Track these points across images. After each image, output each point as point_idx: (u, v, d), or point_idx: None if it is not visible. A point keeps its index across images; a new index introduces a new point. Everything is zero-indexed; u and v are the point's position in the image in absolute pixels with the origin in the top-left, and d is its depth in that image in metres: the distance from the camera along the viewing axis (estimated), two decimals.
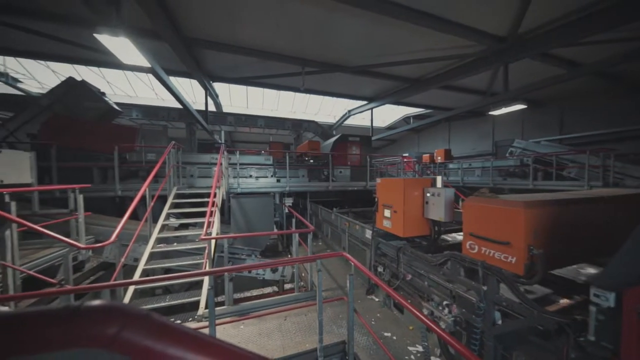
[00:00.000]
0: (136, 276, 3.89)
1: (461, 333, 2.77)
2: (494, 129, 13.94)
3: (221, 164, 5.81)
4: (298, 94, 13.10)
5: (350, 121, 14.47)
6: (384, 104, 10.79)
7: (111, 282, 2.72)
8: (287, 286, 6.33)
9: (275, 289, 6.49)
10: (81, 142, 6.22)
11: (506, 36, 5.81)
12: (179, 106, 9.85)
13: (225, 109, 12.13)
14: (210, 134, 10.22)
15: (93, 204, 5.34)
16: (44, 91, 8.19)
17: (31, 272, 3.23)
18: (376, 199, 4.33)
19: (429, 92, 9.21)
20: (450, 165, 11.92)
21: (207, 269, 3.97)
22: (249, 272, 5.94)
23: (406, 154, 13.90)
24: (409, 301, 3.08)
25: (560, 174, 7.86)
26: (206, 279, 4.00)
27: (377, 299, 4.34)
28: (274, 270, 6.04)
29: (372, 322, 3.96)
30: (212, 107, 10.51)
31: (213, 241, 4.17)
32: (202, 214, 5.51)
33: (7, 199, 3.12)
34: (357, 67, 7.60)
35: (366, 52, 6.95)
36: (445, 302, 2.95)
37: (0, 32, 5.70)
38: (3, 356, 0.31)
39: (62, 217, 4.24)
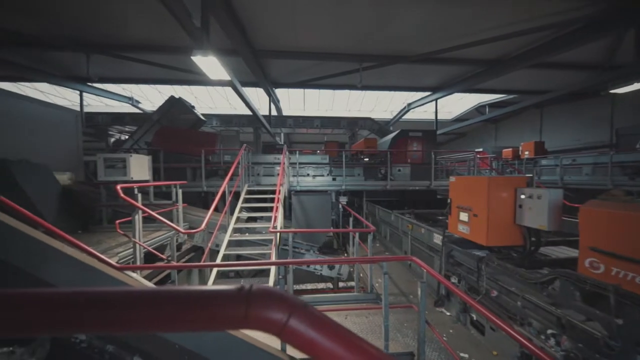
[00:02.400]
0: (218, 260, 4.55)
1: None
2: (613, 113, 10.53)
3: (284, 163, 6.25)
4: (353, 92, 12.95)
5: (409, 115, 13.42)
6: (450, 94, 9.56)
7: (211, 263, 3.21)
8: (341, 284, 6.32)
9: (330, 285, 6.57)
10: (179, 147, 7.70)
11: None
12: (248, 113, 11.15)
13: (285, 113, 13.02)
14: (272, 136, 11.18)
15: (186, 197, 6.56)
16: (154, 108, 10.54)
17: (149, 248, 4.17)
18: (449, 200, 3.83)
19: (512, 74, 7.64)
20: (543, 162, 9.62)
21: (274, 259, 4.31)
22: (308, 266, 6.19)
23: (480, 149, 11.94)
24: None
25: None
26: (273, 268, 4.35)
27: (448, 313, 3.84)
28: (331, 268, 6.12)
29: (444, 338, 3.53)
30: (273, 112, 11.45)
31: (278, 234, 4.51)
32: (267, 209, 6.05)
33: (135, 191, 4.12)
34: (420, 56, 6.93)
35: (431, 38, 6.27)
36: (550, 331, 2.36)
37: (127, 66, 7.62)
38: (187, 330, 0.34)
39: (167, 207, 5.34)
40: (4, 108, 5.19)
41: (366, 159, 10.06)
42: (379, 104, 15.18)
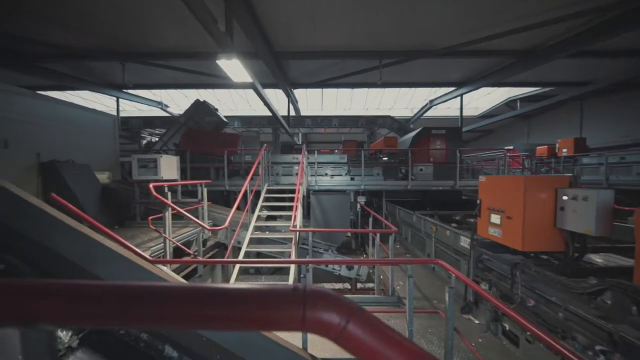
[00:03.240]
0: (240, 257, 4.70)
1: None
2: None
3: (303, 163, 6.30)
4: (371, 90, 12.72)
5: (431, 113, 12.90)
6: (477, 88, 9.03)
7: (235, 260, 3.32)
8: (359, 285, 6.23)
9: (348, 286, 6.50)
10: (204, 148, 8.06)
11: None
12: (267, 114, 11.40)
13: (303, 113, 13.13)
14: (290, 136, 11.32)
15: (209, 195, 6.85)
16: (181, 112, 11.15)
17: (178, 244, 4.41)
18: (478, 202, 3.61)
19: (548, 64, 7.01)
20: (585, 160, 8.75)
21: (294, 257, 4.35)
22: (326, 265, 6.18)
23: (510, 147, 11.14)
24: (527, 334, 2.37)
25: None
26: (292, 266, 4.40)
27: (476, 321, 3.62)
28: (350, 268, 6.05)
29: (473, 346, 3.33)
30: (292, 112, 11.59)
31: (297, 232, 4.55)
32: (285, 208, 6.14)
33: (166, 189, 4.38)
34: (444, 49, 6.61)
35: (455, 30, 5.96)
36: (599, 347, 2.12)
37: (157, 72, 8.12)
38: (242, 330, 0.33)
39: (193, 205, 5.61)
40: (55, 114, 5.77)
41: (385, 158, 9.83)
42: (399, 102, 14.76)
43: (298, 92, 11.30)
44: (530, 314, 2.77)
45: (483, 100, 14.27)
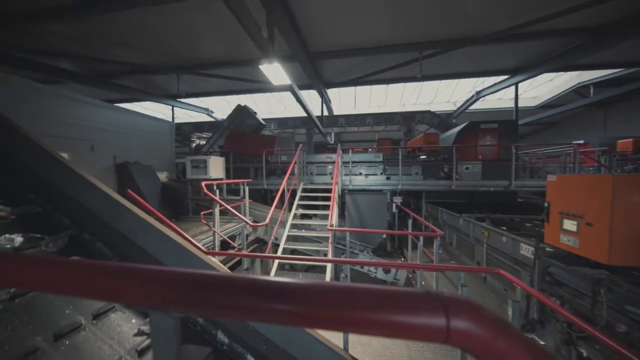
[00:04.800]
0: (279, 252, 4.89)
1: None
2: None
3: (338, 162, 6.27)
4: (408, 85, 12.07)
5: (478, 105, 11.70)
6: (536, 75, 7.88)
7: (276, 255, 3.47)
8: None
9: None
10: (245, 149, 8.60)
11: None
12: (301, 115, 11.68)
13: (335, 112, 13.10)
14: (324, 136, 11.39)
15: (249, 193, 7.30)
16: (224, 116, 12.08)
17: (225, 237, 4.78)
18: (546, 204, 3.13)
19: (632, 41, 5.74)
20: None
21: (331, 256, 4.36)
22: (361, 267, 6.06)
23: (580, 141, 9.47)
24: None
25: None
26: (329, 265, 4.41)
27: (542, 342, 3.15)
28: (387, 271, 5.83)
29: None
30: (325, 112, 11.66)
31: (334, 232, 4.54)
32: (319, 207, 6.20)
33: (215, 187, 4.79)
34: (495, 34, 5.90)
35: (508, 11, 5.27)
36: None
37: (205, 81, 8.92)
38: (370, 334, 0.31)
39: (236, 202, 6.03)
40: (126, 122, 6.77)
41: (423, 156, 9.22)
42: (439, 95, 13.73)
43: (331, 92, 11.32)
44: (623, 341, 2.29)
45: (543, 88, 12.42)
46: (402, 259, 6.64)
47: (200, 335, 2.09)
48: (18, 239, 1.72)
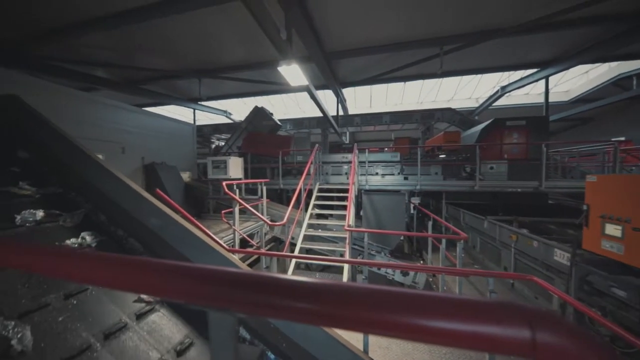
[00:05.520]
0: (296, 252, 4.94)
1: None
2: None
3: (355, 162, 6.21)
4: (426, 82, 11.68)
5: (503, 101, 11.06)
6: (569, 68, 7.29)
7: (293, 254, 3.51)
8: None
9: None
10: (262, 150, 8.79)
11: None
12: (316, 116, 11.71)
13: (350, 111, 13.00)
14: (339, 136, 11.34)
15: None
16: (242, 118, 12.42)
17: (244, 235, 4.92)
18: (585, 207, 2.88)
19: None
20: None
21: (348, 257, 4.33)
22: (378, 268, 5.95)
23: (621, 138, 8.64)
24: None
25: None
26: (346, 266, 4.39)
27: None
28: (405, 274, 5.68)
29: None
30: (340, 112, 11.60)
31: (350, 232, 4.50)
32: (334, 207, 6.18)
33: (234, 187, 4.94)
34: (524, 25, 5.53)
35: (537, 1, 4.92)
36: None
37: (224, 84, 9.23)
38: (444, 345, 0.30)
39: (254, 201, 6.18)
40: (152, 125, 7.18)
41: (442, 156, 8.88)
42: (460, 92, 13.16)
43: (346, 91, 11.24)
44: None
45: (577, 81, 11.49)
46: (421, 261, 6.43)
47: None
48: (40, 213, 1.98)
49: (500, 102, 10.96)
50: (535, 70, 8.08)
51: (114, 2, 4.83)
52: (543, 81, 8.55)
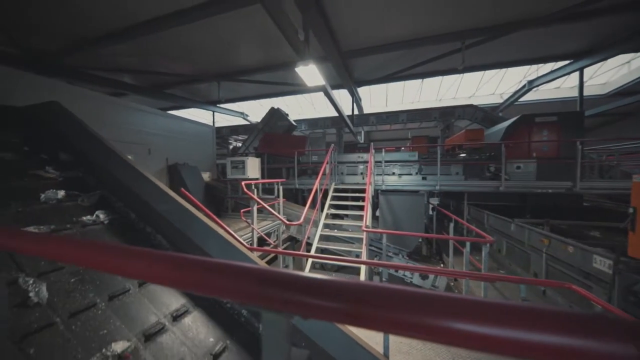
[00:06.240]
0: (312, 251, 4.95)
1: None
2: None
3: (371, 162, 6.12)
4: (445, 79, 11.25)
5: (530, 96, 10.41)
6: (607, 58, 6.69)
7: (310, 254, 3.52)
8: None
9: None
10: (278, 150, 8.92)
11: None
12: (331, 115, 11.68)
13: (366, 110, 12.83)
14: (354, 135, 11.23)
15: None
16: (258, 120, 12.68)
17: (262, 234, 5.02)
18: (631, 210, 2.63)
19: None
20: None
21: (365, 258, 4.27)
22: (396, 271, 5.81)
23: None
24: None
25: None
26: (363, 267, 4.33)
27: None
28: (424, 277, 5.51)
29: None
30: (355, 111, 11.48)
31: (366, 232, 4.43)
32: (349, 207, 6.12)
33: (253, 187, 5.05)
34: (559, 13, 5.14)
35: None
36: None
37: (242, 87, 9.47)
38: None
39: (271, 201, 6.28)
40: (175, 127, 7.52)
41: (463, 155, 8.50)
42: (482, 88, 12.56)
43: (361, 90, 11.11)
44: None
45: (615, 72, 10.52)
46: (442, 264, 6.20)
47: (244, 326, 2.21)
48: (61, 193, 2.28)
49: (527, 97, 10.30)
50: (567, 62, 7.51)
51: (139, 13, 5.12)
52: (576, 74, 7.93)
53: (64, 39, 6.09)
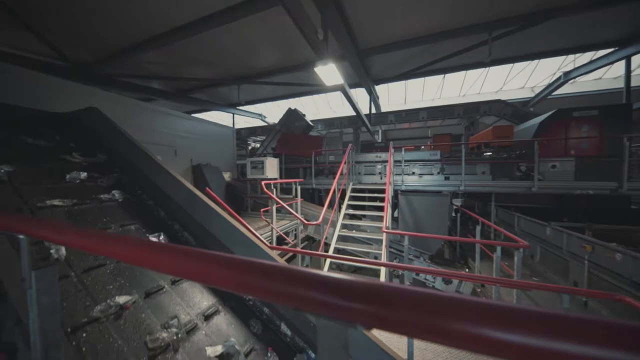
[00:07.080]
0: (330, 252, 4.92)
1: None
2: None
3: (391, 162, 5.97)
4: (470, 73, 10.68)
5: (566, 89, 9.60)
6: None
7: (329, 254, 3.50)
8: None
9: None
10: (295, 150, 9.01)
11: None
12: (348, 115, 11.58)
13: (384, 109, 12.56)
14: (371, 134, 11.03)
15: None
16: (275, 121, 12.90)
17: (281, 233, 5.08)
18: None
19: None
20: None
21: (385, 260, 4.17)
22: (417, 274, 5.62)
23: None
24: None
25: None
26: (383, 269, 4.22)
27: None
28: (448, 282, 5.27)
29: None
30: (373, 110, 11.28)
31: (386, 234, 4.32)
32: (367, 207, 6.00)
33: (272, 187, 5.13)
34: None
35: None
36: None
37: (260, 89, 9.68)
38: None
39: (289, 200, 6.35)
40: (198, 129, 7.86)
41: (488, 153, 8.00)
42: (511, 81, 11.78)
43: (379, 88, 10.88)
44: None
45: None
46: (467, 269, 5.89)
47: (265, 324, 2.25)
48: (83, 174, 2.69)
49: (562, 90, 9.50)
50: (611, 50, 6.81)
51: (166, 21, 5.42)
52: (620, 63, 7.16)
53: (101, 50, 6.64)
